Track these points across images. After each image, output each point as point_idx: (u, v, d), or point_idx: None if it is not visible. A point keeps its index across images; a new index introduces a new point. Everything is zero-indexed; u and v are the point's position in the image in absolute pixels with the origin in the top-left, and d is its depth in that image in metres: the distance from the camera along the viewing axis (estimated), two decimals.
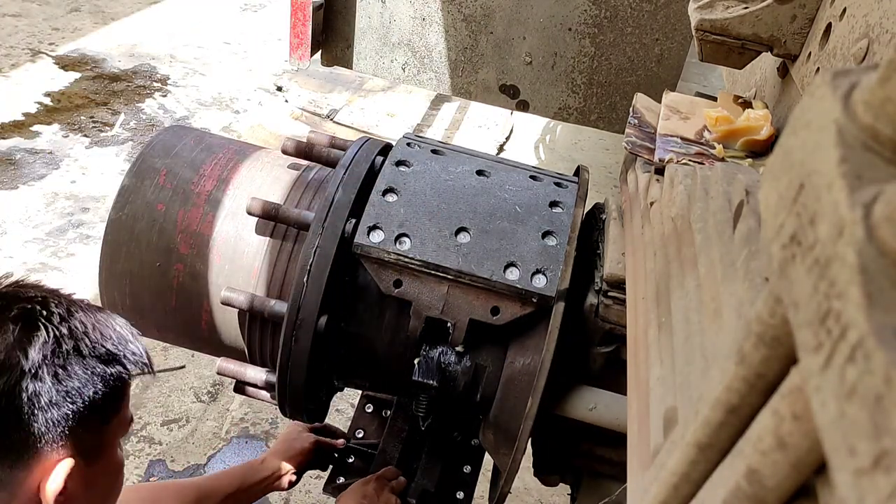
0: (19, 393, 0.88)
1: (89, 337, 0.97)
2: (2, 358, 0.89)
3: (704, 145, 1.27)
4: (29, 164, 3.75)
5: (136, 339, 1.07)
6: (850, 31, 1.09)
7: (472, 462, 1.70)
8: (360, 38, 2.77)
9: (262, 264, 1.41)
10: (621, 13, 2.52)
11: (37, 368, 0.90)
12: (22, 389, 0.89)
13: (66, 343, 0.94)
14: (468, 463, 1.70)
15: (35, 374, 0.90)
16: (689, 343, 0.72)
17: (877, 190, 0.33)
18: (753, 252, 0.61)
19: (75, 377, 0.94)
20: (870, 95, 0.36)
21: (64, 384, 0.92)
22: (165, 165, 1.47)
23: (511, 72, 2.72)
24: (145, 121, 4.32)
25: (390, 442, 1.70)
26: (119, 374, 1.01)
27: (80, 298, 1.05)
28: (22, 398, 0.89)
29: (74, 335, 0.96)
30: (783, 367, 0.42)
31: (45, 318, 0.94)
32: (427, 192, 1.33)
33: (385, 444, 1.70)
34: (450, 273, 1.26)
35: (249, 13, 6.16)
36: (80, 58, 4.86)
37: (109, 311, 1.08)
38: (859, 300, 0.31)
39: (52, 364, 0.92)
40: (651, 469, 0.65)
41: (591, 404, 1.30)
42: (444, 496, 1.65)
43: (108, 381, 0.99)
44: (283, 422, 2.62)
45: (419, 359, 1.34)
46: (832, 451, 0.32)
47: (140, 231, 1.42)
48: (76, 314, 0.98)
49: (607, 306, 1.27)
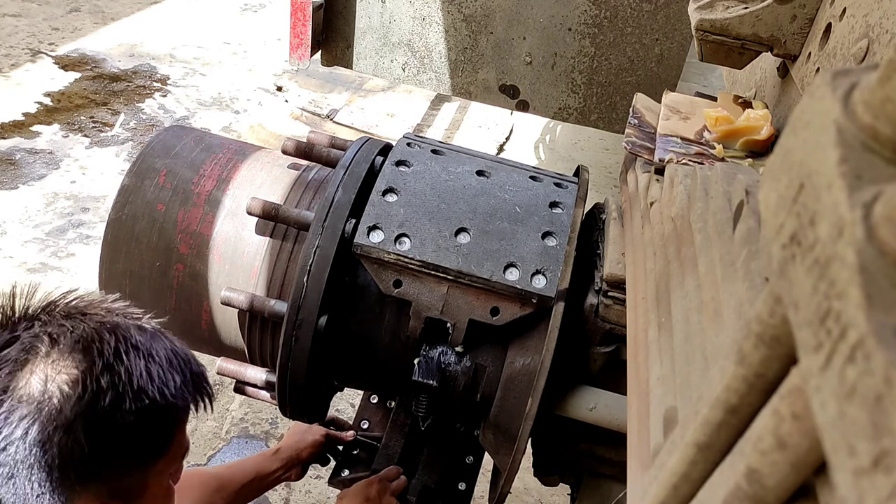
0: (51, 446, 0.84)
1: (133, 386, 0.89)
2: (35, 409, 0.84)
3: (704, 145, 1.27)
4: (29, 164, 3.75)
5: (193, 375, 0.99)
6: (850, 31, 1.09)
7: (474, 452, 1.71)
8: (360, 38, 2.77)
9: (262, 264, 1.41)
10: (621, 13, 2.52)
11: (70, 423, 0.84)
12: (54, 443, 0.84)
13: (106, 398, 0.87)
14: (471, 453, 1.71)
15: (69, 428, 0.84)
16: (689, 343, 0.72)
17: (877, 190, 0.33)
18: (753, 252, 0.61)
19: (112, 432, 0.88)
20: (870, 95, 0.36)
21: (99, 440, 0.87)
22: (165, 165, 1.47)
23: (511, 72, 2.72)
24: (145, 121, 4.32)
25: (393, 436, 1.71)
26: (165, 418, 0.95)
27: (138, 323, 0.98)
28: (53, 452, 0.84)
29: (117, 387, 0.88)
30: (783, 367, 0.42)
31: (86, 367, 0.87)
32: (427, 193, 1.32)
33: (388, 439, 1.70)
34: (450, 273, 1.26)
35: (249, 13, 6.16)
36: (80, 58, 4.86)
37: (169, 334, 1.00)
38: (859, 300, 0.31)
39: (89, 419, 0.85)
40: (651, 469, 0.65)
41: (591, 404, 1.30)
42: (446, 489, 1.65)
43: (151, 428, 0.93)
44: (283, 421, 2.62)
45: (419, 359, 1.34)
46: (832, 451, 0.32)
47: (140, 231, 1.42)
48: (127, 356, 0.90)
49: (607, 306, 1.27)
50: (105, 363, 0.88)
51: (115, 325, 0.93)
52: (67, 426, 0.84)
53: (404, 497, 1.58)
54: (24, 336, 0.88)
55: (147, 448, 0.94)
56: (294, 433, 1.71)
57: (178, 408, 0.96)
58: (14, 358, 0.86)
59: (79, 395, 0.85)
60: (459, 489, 1.66)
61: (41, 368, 0.86)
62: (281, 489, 2.40)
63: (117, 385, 0.88)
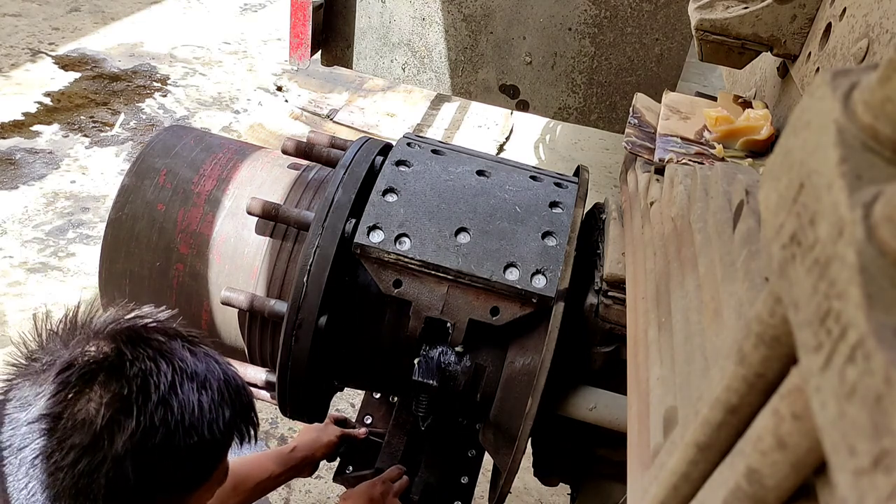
0: (98, 478, 0.84)
1: (185, 422, 0.89)
2: (88, 440, 0.83)
3: (704, 145, 1.27)
4: (29, 164, 3.75)
5: (242, 406, 0.98)
6: (850, 31, 1.09)
7: (476, 446, 1.71)
8: (360, 38, 2.77)
9: (262, 264, 1.41)
10: (621, 13, 2.52)
11: (121, 457, 0.84)
12: (102, 475, 0.83)
13: (158, 434, 0.86)
14: (473, 447, 1.71)
15: (118, 461, 0.84)
16: (688, 343, 0.72)
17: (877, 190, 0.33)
18: (753, 252, 0.61)
19: (161, 466, 0.88)
20: (870, 95, 0.36)
21: (146, 473, 0.86)
22: (165, 165, 1.47)
23: (511, 72, 2.72)
24: (145, 121, 4.32)
25: (396, 433, 1.71)
26: (213, 450, 0.94)
27: (192, 346, 0.96)
28: (101, 482, 0.84)
29: (170, 423, 0.87)
30: (783, 367, 0.42)
31: (142, 401, 0.86)
32: (427, 193, 1.32)
33: (391, 436, 1.71)
34: (449, 273, 1.26)
35: (249, 13, 6.16)
36: (80, 57, 4.86)
37: (219, 356, 0.99)
38: (859, 300, 0.31)
39: (139, 454, 0.85)
40: (651, 469, 0.65)
41: (591, 404, 1.30)
42: (448, 484, 1.66)
43: (198, 461, 0.92)
44: (283, 421, 2.62)
45: (419, 359, 1.34)
46: (832, 451, 0.32)
47: (140, 231, 1.42)
48: (181, 388, 0.89)
49: (607, 306, 1.27)
50: (160, 398, 0.87)
51: (171, 352, 0.92)
52: (117, 459, 0.84)
53: (407, 495, 1.59)
54: (83, 359, 0.87)
55: (192, 478, 0.94)
56: (309, 432, 1.71)
57: (227, 439, 0.96)
58: (73, 382, 0.85)
59: (132, 431, 0.84)
60: (462, 483, 1.67)
61: (98, 397, 0.85)
62: (281, 489, 2.40)
63: (170, 422, 0.87)
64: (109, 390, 0.85)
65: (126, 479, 0.85)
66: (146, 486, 0.87)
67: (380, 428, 1.82)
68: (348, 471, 1.72)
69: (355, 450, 1.76)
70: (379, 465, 1.66)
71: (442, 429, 1.70)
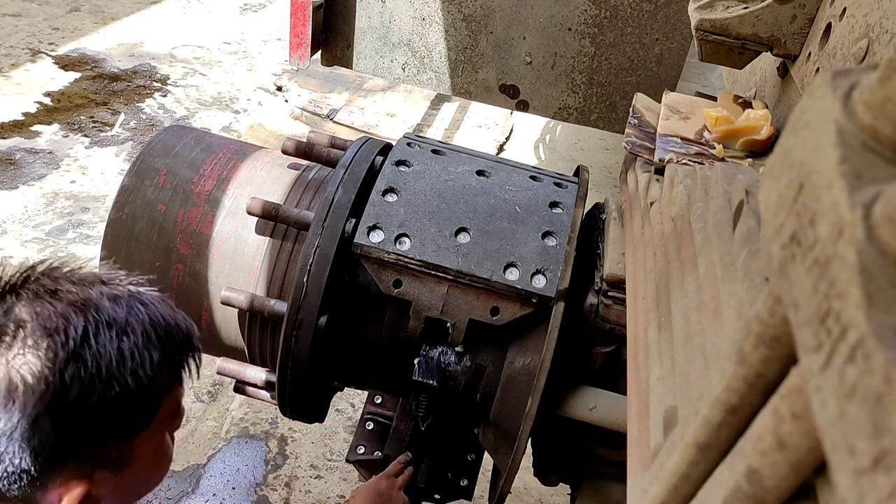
0: (14, 439, 0.81)
1: (102, 374, 0.85)
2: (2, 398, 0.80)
3: (704, 145, 1.27)
4: (29, 164, 3.75)
5: (175, 345, 0.95)
6: (850, 31, 1.09)
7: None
8: (360, 38, 2.77)
9: (262, 264, 1.41)
10: (621, 13, 2.52)
11: (36, 418, 0.81)
12: (17, 437, 0.81)
13: (72, 392, 0.82)
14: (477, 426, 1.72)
15: (35, 423, 0.81)
16: (688, 343, 0.72)
17: (877, 190, 0.33)
18: (753, 252, 0.61)
19: (83, 422, 0.84)
20: (870, 95, 0.36)
21: (69, 431, 0.83)
22: (165, 165, 1.47)
23: (511, 72, 2.72)
24: (145, 121, 4.32)
25: (403, 419, 1.72)
26: (144, 395, 0.90)
27: (115, 291, 0.91)
28: (18, 443, 0.81)
29: (83, 379, 0.83)
30: (783, 367, 0.42)
31: (50, 360, 0.82)
32: (427, 192, 1.33)
33: (398, 422, 1.72)
34: (449, 273, 1.26)
35: (249, 13, 6.16)
36: (80, 57, 4.86)
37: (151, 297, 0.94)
38: (859, 300, 0.31)
39: (56, 413, 0.82)
40: (651, 469, 0.65)
41: (592, 404, 1.30)
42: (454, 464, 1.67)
43: (128, 409, 0.89)
44: (284, 421, 2.62)
45: (419, 359, 1.34)
46: (832, 450, 0.32)
47: (140, 231, 1.42)
48: (96, 339, 0.85)
49: (607, 306, 1.27)
50: (70, 352, 0.83)
51: (85, 302, 0.87)
52: (33, 420, 0.81)
53: (414, 484, 1.60)
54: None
55: (126, 425, 0.90)
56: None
57: (158, 382, 0.92)
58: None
59: (42, 392, 0.81)
60: (469, 460, 1.68)
61: (5, 359, 0.82)
62: (281, 489, 2.40)
63: (83, 377, 0.83)
64: (15, 351, 0.82)
65: (48, 437, 0.82)
66: (72, 442, 0.85)
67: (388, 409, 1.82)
68: (360, 451, 1.73)
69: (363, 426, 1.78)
70: (387, 452, 1.66)
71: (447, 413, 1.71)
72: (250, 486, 2.40)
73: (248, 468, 2.45)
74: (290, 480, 2.43)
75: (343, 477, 2.48)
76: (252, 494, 2.37)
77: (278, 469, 2.46)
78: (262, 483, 2.41)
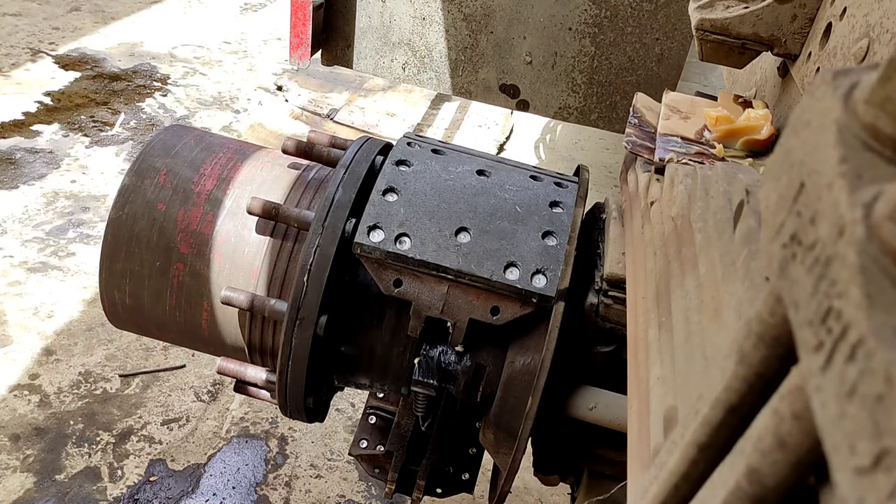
0: None
1: None
2: None
3: (704, 145, 1.27)
4: (29, 164, 3.75)
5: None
6: (851, 30, 1.09)
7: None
8: (360, 38, 2.77)
9: (263, 264, 1.41)
10: (621, 13, 2.52)
11: None
12: None
13: None
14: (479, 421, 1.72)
15: None
16: (689, 342, 0.72)
17: (877, 189, 0.33)
18: (753, 252, 0.61)
19: None
20: (870, 95, 0.36)
21: None
22: (166, 165, 1.47)
23: (511, 71, 2.72)
24: (145, 120, 4.32)
25: (405, 415, 1.72)
26: None
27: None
28: None
29: None
30: (783, 366, 0.42)
31: None
32: (427, 192, 1.32)
33: (400, 417, 1.72)
34: (450, 273, 1.26)
35: (249, 13, 6.16)
36: (81, 57, 4.86)
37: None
38: (860, 300, 0.31)
39: None
40: (651, 468, 0.65)
41: (592, 404, 1.30)
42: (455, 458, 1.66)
43: None
44: (284, 421, 2.62)
45: (419, 358, 1.34)
46: (832, 450, 0.32)
47: (140, 230, 1.42)
48: None
49: (607, 306, 1.27)
50: None
51: None
52: None
53: (414, 477, 1.60)
54: None
55: None
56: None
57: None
58: None
59: None
60: (470, 454, 1.67)
61: None
62: (281, 488, 2.40)
63: None
64: None
65: None
66: None
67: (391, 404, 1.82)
68: (363, 445, 1.73)
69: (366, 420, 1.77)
70: (389, 448, 1.66)
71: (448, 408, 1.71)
72: (250, 485, 2.40)
73: (248, 468, 2.45)
74: (290, 480, 2.44)
75: (343, 476, 2.48)
76: (252, 494, 2.37)
77: (278, 468, 2.47)
78: (262, 482, 2.41)
